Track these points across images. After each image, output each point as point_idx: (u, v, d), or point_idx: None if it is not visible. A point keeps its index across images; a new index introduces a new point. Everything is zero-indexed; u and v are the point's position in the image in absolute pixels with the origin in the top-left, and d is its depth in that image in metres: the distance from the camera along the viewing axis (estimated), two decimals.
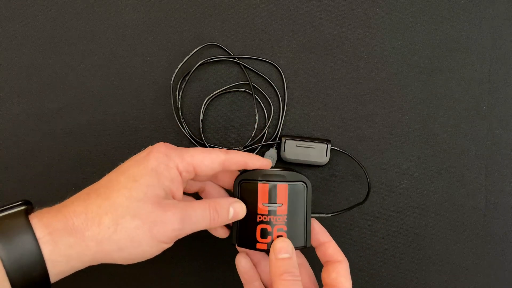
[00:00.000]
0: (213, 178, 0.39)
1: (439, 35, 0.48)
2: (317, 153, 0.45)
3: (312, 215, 0.37)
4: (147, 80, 0.47)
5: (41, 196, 0.45)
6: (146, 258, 0.30)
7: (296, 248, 0.35)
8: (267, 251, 0.35)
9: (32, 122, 0.47)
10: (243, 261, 0.37)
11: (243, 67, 0.47)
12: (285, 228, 0.35)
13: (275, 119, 0.47)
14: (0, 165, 0.45)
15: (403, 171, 0.47)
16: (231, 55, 0.47)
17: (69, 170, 0.46)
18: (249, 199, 0.35)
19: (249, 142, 0.47)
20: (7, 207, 0.27)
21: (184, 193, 0.35)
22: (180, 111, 0.47)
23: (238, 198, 0.36)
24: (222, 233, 0.38)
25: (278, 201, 0.35)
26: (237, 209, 0.34)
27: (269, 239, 0.35)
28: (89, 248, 0.28)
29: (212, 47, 0.48)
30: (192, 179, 0.36)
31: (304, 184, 0.36)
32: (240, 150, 0.46)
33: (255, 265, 0.38)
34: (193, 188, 0.38)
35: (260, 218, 0.35)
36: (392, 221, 0.47)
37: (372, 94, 0.48)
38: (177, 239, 0.31)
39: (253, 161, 0.35)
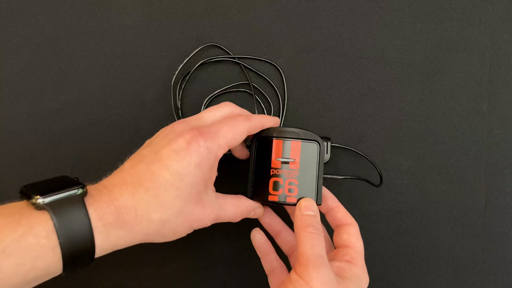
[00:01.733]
0: None
1: (439, 35, 0.48)
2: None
3: (324, 175, 0.39)
4: (147, 80, 0.47)
5: None
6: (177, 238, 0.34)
7: None
8: (277, 203, 0.37)
9: (32, 122, 0.47)
10: (258, 236, 0.40)
11: (243, 67, 0.47)
12: (296, 182, 0.36)
13: None
14: (0, 165, 0.45)
15: (403, 171, 0.47)
16: (231, 55, 0.47)
17: (69, 170, 0.46)
18: (264, 154, 0.37)
19: (249, 142, 0.47)
20: (65, 188, 0.28)
21: None
22: (180, 111, 0.47)
23: (254, 154, 0.38)
24: (244, 155, 0.41)
25: (291, 156, 0.37)
26: (257, 213, 0.39)
27: (280, 191, 0.37)
28: (136, 238, 0.31)
29: (212, 47, 0.48)
30: None
31: (317, 143, 0.37)
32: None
33: (275, 236, 0.41)
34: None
35: (273, 171, 0.37)
36: (392, 221, 0.47)
37: (372, 94, 0.48)
38: None
39: (268, 122, 0.38)
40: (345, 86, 0.48)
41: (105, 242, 0.29)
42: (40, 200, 0.27)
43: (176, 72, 0.46)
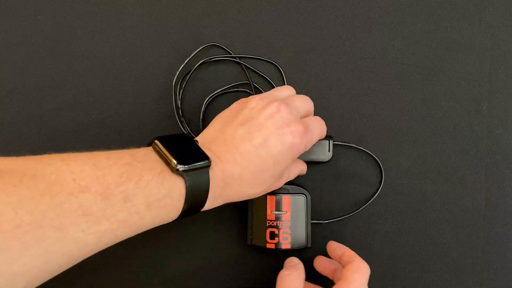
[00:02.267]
0: None
1: (439, 35, 0.48)
2: (319, 149, 0.45)
3: (312, 221, 0.44)
4: (147, 80, 0.47)
5: None
6: None
7: (299, 248, 0.43)
8: (274, 250, 0.43)
9: (32, 122, 0.47)
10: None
11: (243, 67, 0.47)
12: (289, 231, 0.43)
13: None
14: None
15: (403, 171, 0.47)
16: (231, 54, 0.47)
17: None
18: (261, 208, 0.43)
19: None
20: (197, 159, 0.32)
21: None
22: (180, 111, 0.47)
23: (252, 208, 0.44)
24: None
25: (283, 209, 0.43)
26: (304, 170, 0.44)
27: (276, 240, 0.43)
28: (226, 199, 0.35)
29: (213, 47, 0.48)
30: None
31: (304, 196, 0.43)
32: None
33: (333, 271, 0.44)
34: None
35: (269, 223, 0.43)
36: (392, 221, 0.47)
37: (372, 94, 0.48)
38: None
39: (324, 130, 0.42)
40: (345, 86, 0.48)
41: (207, 207, 0.33)
42: (180, 167, 0.30)
43: (177, 72, 0.46)
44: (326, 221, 0.46)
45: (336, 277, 0.41)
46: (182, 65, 0.46)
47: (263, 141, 0.34)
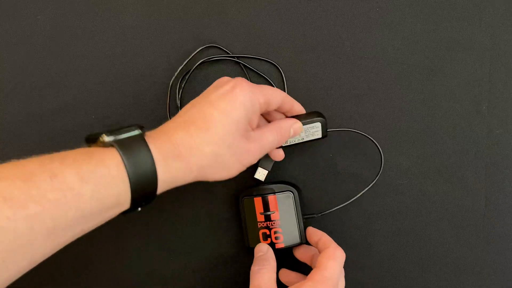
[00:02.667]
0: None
1: (439, 35, 0.48)
2: (315, 130, 0.43)
3: (305, 216, 0.44)
4: (147, 80, 0.47)
5: None
6: (229, 178, 0.36)
7: (293, 245, 0.43)
8: None
9: (32, 122, 0.47)
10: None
11: (242, 67, 0.47)
12: (280, 230, 0.43)
13: None
14: None
15: (403, 171, 0.47)
16: (230, 54, 0.47)
17: None
18: (250, 211, 0.44)
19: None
20: (125, 128, 0.32)
21: None
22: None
23: (243, 212, 0.44)
24: (281, 155, 0.43)
25: (271, 209, 0.43)
26: (295, 129, 0.40)
27: (269, 240, 0.43)
28: (192, 171, 0.33)
29: (215, 48, 0.48)
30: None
31: (291, 192, 0.43)
32: None
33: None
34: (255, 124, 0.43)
35: (260, 224, 0.43)
36: (392, 221, 0.47)
37: (372, 94, 0.48)
38: None
39: (297, 105, 0.41)
40: (345, 86, 0.48)
41: (165, 174, 0.32)
42: (106, 138, 0.30)
43: (176, 72, 0.46)
44: (319, 214, 0.45)
45: (313, 264, 0.41)
46: (181, 66, 0.46)
47: (204, 101, 0.35)
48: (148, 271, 0.46)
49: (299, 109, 0.42)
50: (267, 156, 0.46)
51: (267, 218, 0.43)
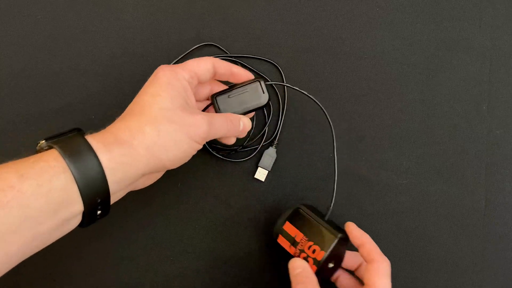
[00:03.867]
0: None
1: (439, 35, 0.48)
2: (252, 95, 0.40)
3: (325, 218, 0.41)
4: (147, 80, 0.47)
5: None
6: (187, 159, 0.36)
7: (334, 246, 0.38)
8: (318, 270, 0.38)
9: (32, 122, 0.47)
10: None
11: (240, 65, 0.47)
12: (311, 243, 0.39)
13: (275, 119, 0.47)
14: None
15: (403, 171, 0.47)
16: (227, 54, 0.47)
17: None
18: (286, 253, 0.41)
19: (249, 142, 0.47)
20: (63, 133, 0.32)
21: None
22: None
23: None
24: (232, 140, 0.42)
25: (292, 235, 0.40)
26: (245, 122, 0.40)
27: (310, 261, 0.39)
28: (140, 154, 0.32)
29: (213, 47, 0.48)
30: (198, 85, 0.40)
31: (298, 208, 0.41)
32: (238, 149, 0.46)
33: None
34: (202, 96, 0.42)
35: (295, 255, 0.40)
36: (392, 221, 0.47)
37: (372, 94, 0.48)
38: (205, 141, 0.36)
39: (238, 69, 0.40)
40: (345, 86, 0.48)
41: (111, 162, 0.30)
42: (43, 142, 0.30)
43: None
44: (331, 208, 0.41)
45: (360, 273, 0.40)
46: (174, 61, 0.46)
47: (136, 96, 0.36)
48: (148, 271, 0.46)
49: (244, 73, 0.40)
50: (267, 156, 0.46)
51: (295, 244, 0.40)
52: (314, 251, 0.38)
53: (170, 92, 0.34)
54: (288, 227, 0.40)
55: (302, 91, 0.41)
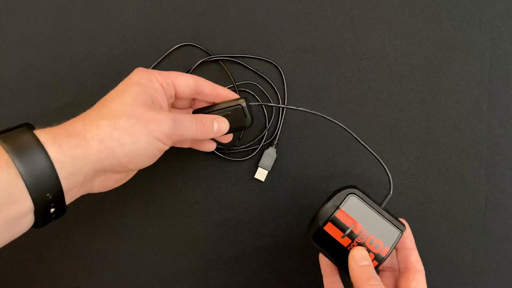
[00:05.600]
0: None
1: (439, 35, 0.48)
2: (234, 117, 0.39)
3: (382, 205, 0.37)
4: None
5: None
6: (150, 158, 0.33)
7: (398, 240, 0.36)
8: (378, 265, 0.35)
9: (32, 122, 0.46)
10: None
11: (223, 66, 0.47)
12: (373, 236, 0.35)
13: (275, 119, 0.47)
14: None
15: (403, 171, 0.47)
16: (211, 55, 0.47)
17: None
18: (331, 243, 0.36)
19: (249, 142, 0.47)
20: (10, 128, 0.30)
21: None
22: None
23: (323, 249, 0.37)
24: (210, 146, 0.41)
25: (348, 224, 0.36)
26: (220, 123, 0.37)
27: (372, 255, 0.35)
28: (91, 147, 0.30)
29: (212, 47, 0.48)
30: (177, 99, 0.39)
31: (352, 194, 0.36)
32: (238, 149, 0.46)
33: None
34: (183, 105, 0.41)
35: (350, 248, 0.35)
36: None
37: (372, 94, 0.48)
38: (171, 141, 0.34)
39: (225, 90, 0.39)
40: (345, 86, 0.48)
41: (59, 153, 0.29)
42: None
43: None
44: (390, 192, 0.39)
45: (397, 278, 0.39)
46: (155, 63, 0.46)
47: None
48: (148, 271, 0.46)
49: (231, 97, 0.39)
50: (267, 156, 0.46)
51: (351, 236, 0.35)
52: (377, 246, 0.35)
53: (136, 89, 0.33)
54: (342, 215, 0.36)
55: (280, 105, 0.41)
